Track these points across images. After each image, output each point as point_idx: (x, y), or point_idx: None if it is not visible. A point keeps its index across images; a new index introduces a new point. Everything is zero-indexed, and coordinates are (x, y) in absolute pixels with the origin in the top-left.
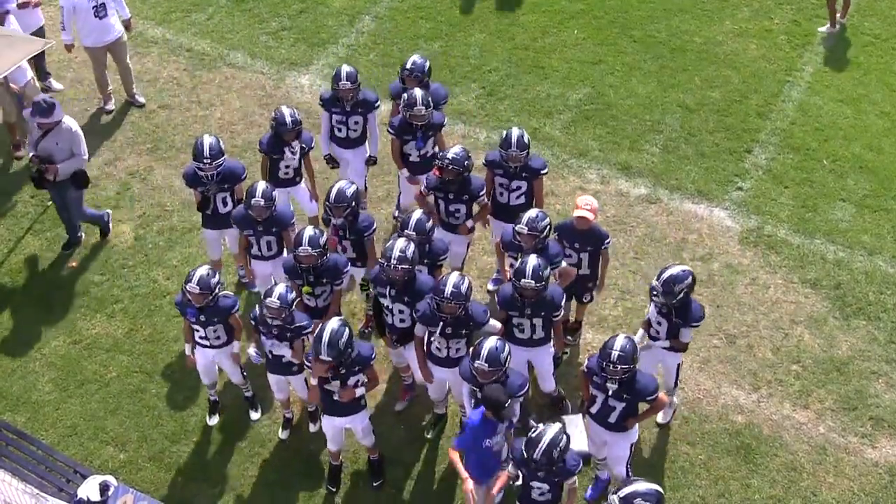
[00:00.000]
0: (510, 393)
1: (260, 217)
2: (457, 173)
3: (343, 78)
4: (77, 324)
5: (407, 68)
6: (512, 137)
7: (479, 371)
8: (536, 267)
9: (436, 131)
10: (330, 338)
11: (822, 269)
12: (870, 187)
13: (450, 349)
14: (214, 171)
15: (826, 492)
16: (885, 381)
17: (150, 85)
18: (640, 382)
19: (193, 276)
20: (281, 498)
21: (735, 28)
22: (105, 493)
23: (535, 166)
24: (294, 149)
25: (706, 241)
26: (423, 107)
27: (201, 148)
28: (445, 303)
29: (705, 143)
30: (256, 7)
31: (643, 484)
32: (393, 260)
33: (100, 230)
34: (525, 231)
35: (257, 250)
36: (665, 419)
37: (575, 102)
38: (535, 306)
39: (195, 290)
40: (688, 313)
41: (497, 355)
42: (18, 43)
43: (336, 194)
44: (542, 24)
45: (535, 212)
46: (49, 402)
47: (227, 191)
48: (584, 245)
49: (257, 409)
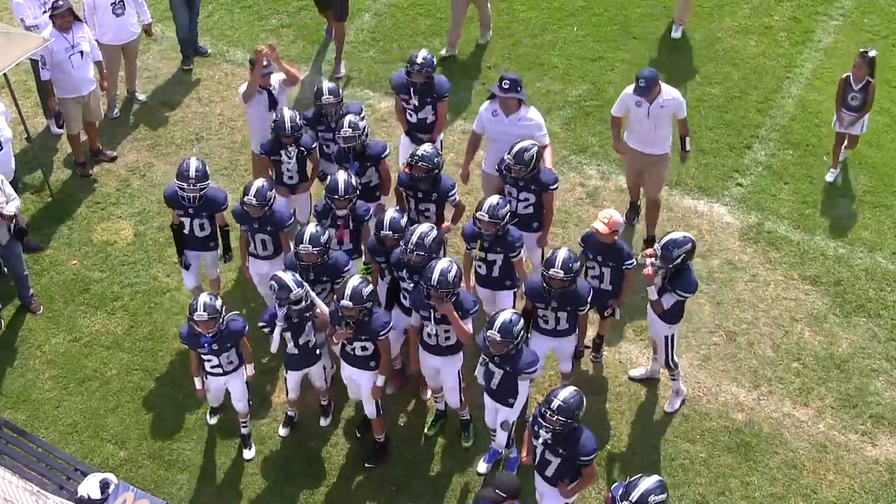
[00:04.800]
0: (519, 370)
1: (255, 215)
2: (426, 170)
3: (325, 93)
4: (77, 321)
5: (417, 63)
6: (513, 149)
7: (492, 341)
8: (567, 258)
9: (436, 100)
10: (352, 290)
11: (822, 265)
12: (870, 183)
13: (439, 336)
14: (197, 194)
15: (826, 489)
16: (885, 378)
17: (150, 82)
18: (579, 441)
19: (197, 304)
20: (281, 495)
21: (735, 25)
22: (105, 490)
23: (545, 181)
24: (290, 153)
25: (706, 237)
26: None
27: (187, 169)
28: (433, 290)
29: (705, 140)
30: (256, 4)
31: (646, 480)
32: (411, 245)
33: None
34: (486, 218)
35: (253, 248)
36: (672, 407)
37: (575, 99)
38: (561, 300)
39: (204, 317)
40: (679, 280)
41: (510, 328)
42: (19, 40)
43: (344, 186)
44: (542, 21)
45: (497, 198)
46: (49, 399)
47: (206, 217)
48: (606, 260)
49: (251, 447)
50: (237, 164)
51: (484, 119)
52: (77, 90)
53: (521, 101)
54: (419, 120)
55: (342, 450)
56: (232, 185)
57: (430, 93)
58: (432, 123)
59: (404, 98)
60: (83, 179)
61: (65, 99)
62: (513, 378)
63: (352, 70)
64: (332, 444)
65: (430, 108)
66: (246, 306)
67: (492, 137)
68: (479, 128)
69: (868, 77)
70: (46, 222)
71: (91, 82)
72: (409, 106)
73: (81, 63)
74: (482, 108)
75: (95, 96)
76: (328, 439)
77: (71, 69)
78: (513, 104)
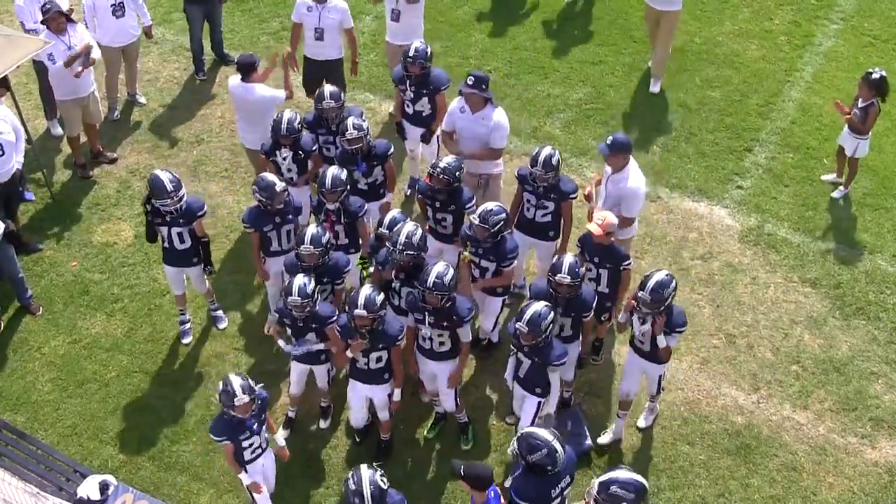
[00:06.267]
0: (549, 361)
1: (280, 204)
2: (446, 183)
3: (327, 97)
4: (77, 323)
5: (410, 56)
6: (540, 157)
7: (520, 332)
8: (573, 263)
9: (432, 92)
10: (366, 299)
11: (822, 268)
12: (870, 186)
13: (433, 341)
14: (179, 206)
15: (826, 492)
16: (885, 381)
17: (150, 84)
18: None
19: (233, 387)
20: (281, 497)
21: (735, 29)
22: (105, 492)
23: (566, 190)
24: (284, 154)
25: (706, 239)
26: (356, 131)
27: (162, 186)
28: (428, 293)
29: (705, 143)
30: (257, 7)
31: (625, 472)
32: (399, 245)
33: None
34: (476, 222)
35: (277, 245)
36: (646, 423)
37: (575, 102)
38: (567, 306)
39: (245, 399)
40: (672, 319)
41: (539, 321)
42: (20, 42)
43: (332, 180)
44: (543, 25)
45: (493, 205)
46: (49, 401)
47: (185, 226)
48: (602, 261)
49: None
50: (238, 166)
51: (454, 115)
52: (76, 91)
53: (487, 99)
54: (415, 112)
55: (341, 452)
56: (233, 187)
57: (426, 85)
58: (428, 116)
59: (402, 89)
60: (83, 181)
61: (64, 101)
62: (541, 369)
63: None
64: (331, 447)
65: (427, 100)
66: (238, 308)
67: (459, 133)
68: (448, 125)
69: (874, 99)
70: (46, 223)
71: (90, 84)
72: (406, 97)
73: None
74: (452, 104)
75: (95, 99)
76: (328, 441)
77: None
78: (477, 101)
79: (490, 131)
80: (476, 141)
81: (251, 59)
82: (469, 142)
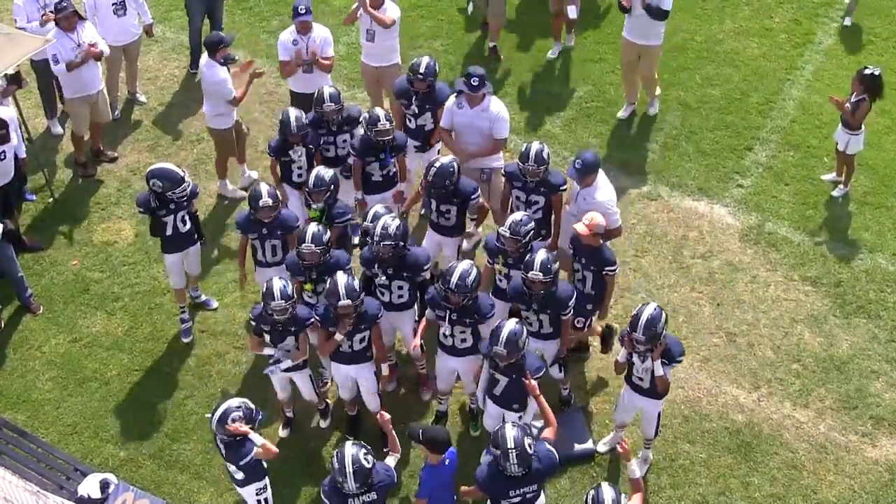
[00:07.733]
0: (532, 372)
1: (267, 218)
2: (441, 186)
3: (327, 99)
4: (77, 322)
5: (420, 72)
6: (531, 151)
7: (499, 356)
8: (545, 260)
9: (435, 107)
10: (346, 287)
11: (822, 266)
12: (870, 185)
13: (455, 338)
14: (189, 191)
15: (826, 490)
16: (885, 379)
17: (150, 83)
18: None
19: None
20: (281, 496)
21: (735, 27)
22: (105, 490)
23: (555, 182)
24: (299, 152)
25: (707, 238)
26: (387, 122)
27: (174, 174)
28: (451, 293)
29: (706, 141)
30: (257, 6)
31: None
32: (376, 236)
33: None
34: (507, 234)
35: (262, 255)
36: (640, 473)
37: (576, 100)
38: (542, 303)
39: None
40: (669, 350)
41: (515, 340)
42: (20, 41)
43: (315, 180)
44: (543, 23)
45: (521, 215)
46: (49, 400)
47: (187, 208)
48: (589, 263)
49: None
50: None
51: (452, 111)
52: (85, 89)
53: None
54: (417, 127)
55: None
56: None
57: (432, 101)
58: (430, 131)
59: (404, 104)
60: (84, 180)
61: (72, 98)
62: (518, 385)
63: (352, 72)
64: (331, 445)
65: (430, 115)
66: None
67: (457, 129)
68: (447, 122)
69: (865, 95)
70: (47, 222)
71: (99, 82)
72: (409, 112)
73: (88, 62)
74: (448, 101)
75: (103, 97)
76: (327, 439)
77: (78, 68)
78: (476, 96)
79: (492, 123)
80: (478, 134)
81: (218, 38)
82: (471, 136)
